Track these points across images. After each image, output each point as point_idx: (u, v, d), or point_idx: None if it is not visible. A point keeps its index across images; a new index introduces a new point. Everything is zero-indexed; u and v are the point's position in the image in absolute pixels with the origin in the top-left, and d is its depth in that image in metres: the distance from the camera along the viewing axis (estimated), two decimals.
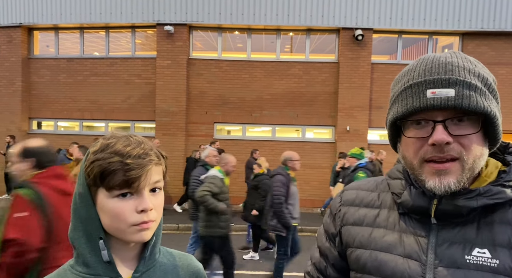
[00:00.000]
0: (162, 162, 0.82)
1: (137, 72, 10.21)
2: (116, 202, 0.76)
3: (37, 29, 10.65)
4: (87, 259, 0.78)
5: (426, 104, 0.73)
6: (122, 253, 0.82)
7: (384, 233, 0.84)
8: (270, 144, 9.93)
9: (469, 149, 0.73)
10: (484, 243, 0.73)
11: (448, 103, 0.71)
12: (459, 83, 0.72)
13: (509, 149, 0.83)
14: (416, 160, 0.77)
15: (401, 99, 0.78)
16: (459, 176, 0.74)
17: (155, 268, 0.86)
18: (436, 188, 0.74)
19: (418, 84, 0.75)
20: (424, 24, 9.57)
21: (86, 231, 0.78)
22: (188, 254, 0.98)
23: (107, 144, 0.78)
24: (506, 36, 9.57)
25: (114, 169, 0.74)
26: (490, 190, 0.75)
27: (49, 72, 10.47)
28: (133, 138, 0.80)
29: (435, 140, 0.72)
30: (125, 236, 0.78)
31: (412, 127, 0.77)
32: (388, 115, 0.84)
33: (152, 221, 0.79)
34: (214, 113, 10.05)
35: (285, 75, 9.97)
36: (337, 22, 9.65)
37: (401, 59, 10.10)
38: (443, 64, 0.75)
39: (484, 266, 0.71)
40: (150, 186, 0.78)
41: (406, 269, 0.77)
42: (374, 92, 9.79)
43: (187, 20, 9.78)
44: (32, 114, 10.59)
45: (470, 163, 0.74)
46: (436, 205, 0.77)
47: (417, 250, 0.78)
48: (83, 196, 0.78)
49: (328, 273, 0.94)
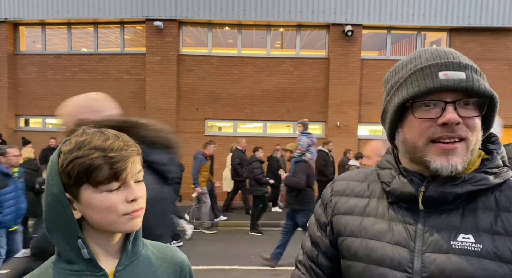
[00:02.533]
0: (140, 152, 0.83)
1: (126, 69, 10.10)
2: (105, 196, 0.76)
3: (23, 24, 10.44)
4: (69, 256, 0.79)
5: (440, 85, 0.75)
6: (105, 247, 0.82)
7: (374, 221, 0.87)
8: (262, 139, 9.95)
9: (474, 130, 0.77)
10: (468, 228, 0.76)
11: (461, 84, 0.74)
12: (468, 67, 0.76)
13: (491, 138, 0.87)
14: (422, 141, 0.79)
15: (410, 82, 0.80)
16: (464, 156, 0.77)
17: (138, 261, 0.86)
18: (443, 168, 0.76)
19: (429, 67, 0.78)
20: (412, 19, 9.67)
21: (64, 231, 0.78)
22: (172, 246, 0.98)
23: (81, 141, 0.77)
24: (492, 32, 9.74)
25: (98, 164, 0.74)
26: (474, 177, 0.78)
27: (36, 68, 10.29)
28: (108, 132, 0.80)
29: (447, 119, 0.74)
30: (117, 227, 0.79)
31: (420, 109, 0.79)
32: (390, 102, 0.84)
33: (142, 208, 0.81)
34: (205, 110, 10.02)
35: (276, 71, 9.98)
36: (327, 18, 9.69)
37: (390, 54, 10.20)
38: (448, 52, 0.79)
39: (469, 250, 0.74)
40: (135, 176, 0.80)
41: (395, 255, 0.80)
42: (364, 87, 9.88)
43: (177, 16, 9.70)
44: (19, 112, 10.41)
45: (473, 144, 0.77)
46: (423, 192, 0.80)
47: (406, 237, 0.81)
48: (57, 196, 0.76)
49: (319, 261, 0.96)
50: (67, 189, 0.77)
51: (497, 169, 0.80)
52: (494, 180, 0.79)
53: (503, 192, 0.79)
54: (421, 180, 0.81)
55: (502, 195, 0.79)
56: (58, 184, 0.77)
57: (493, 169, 0.80)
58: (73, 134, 0.80)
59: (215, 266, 5.27)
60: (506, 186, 0.80)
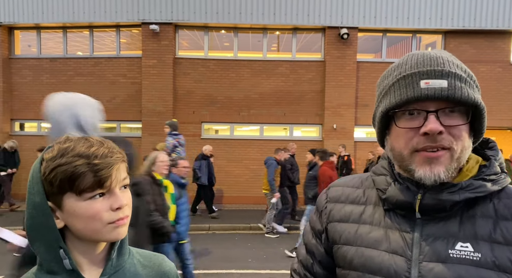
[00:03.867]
0: (126, 158, 0.81)
1: (122, 72, 10.07)
2: (89, 204, 0.74)
3: (18, 28, 10.40)
4: (50, 267, 0.76)
5: (420, 94, 0.74)
6: (89, 257, 0.80)
7: (370, 229, 0.85)
8: (258, 142, 9.94)
9: (459, 139, 0.75)
10: (466, 237, 0.75)
11: (442, 93, 0.73)
12: (451, 75, 0.74)
13: (489, 144, 0.85)
14: (407, 150, 0.78)
15: (393, 91, 0.79)
16: (448, 165, 0.75)
17: (123, 270, 0.84)
18: (426, 177, 0.75)
19: (411, 75, 0.77)
20: (407, 22, 9.72)
21: (45, 241, 0.75)
22: (160, 254, 0.96)
23: (65, 148, 0.74)
24: (486, 35, 9.80)
25: (82, 172, 0.72)
26: (471, 184, 0.77)
27: (32, 72, 10.24)
28: (92, 139, 0.78)
29: (429, 129, 0.73)
30: (102, 236, 0.77)
31: (404, 118, 0.78)
32: (378, 108, 0.85)
33: (128, 216, 0.79)
34: (201, 113, 10.00)
35: (272, 74, 9.99)
36: (323, 21, 9.72)
37: (386, 57, 10.24)
38: (434, 58, 0.77)
39: (467, 259, 0.73)
40: (120, 183, 0.78)
41: (392, 264, 0.78)
42: (360, 90, 9.90)
43: (173, 19, 9.69)
44: (14, 116, 10.34)
45: (458, 152, 0.75)
46: (420, 200, 0.79)
47: (403, 246, 0.79)
48: (39, 205, 0.74)
49: (314, 270, 0.94)
50: (49, 197, 0.75)
51: (495, 175, 0.79)
52: (492, 187, 0.77)
53: (501, 199, 0.78)
54: (418, 187, 0.80)
55: (501, 203, 0.77)
56: (40, 192, 0.74)
57: (491, 176, 0.79)
58: (56, 141, 0.78)
59: (212, 271, 5.24)
60: (504, 194, 0.79)
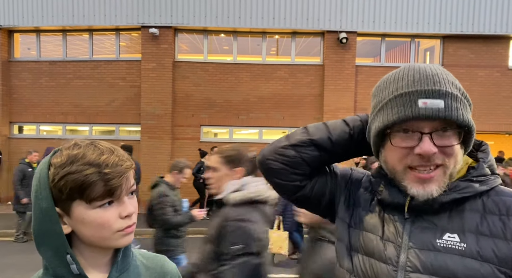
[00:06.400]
0: (134, 166, 0.81)
1: (121, 75, 10.08)
2: (99, 212, 0.74)
3: (17, 31, 10.41)
4: (57, 271, 0.76)
5: (418, 114, 0.76)
6: (95, 260, 0.81)
7: (371, 216, 0.92)
8: (257, 146, 9.92)
9: (451, 157, 0.79)
10: (454, 229, 0.79)
11: (439, 114, 0.76)
12: (448, 95, 0.77)
13: (482, 147, 0.88)
14: (401, 167, 0.82)
15: (390, 107, 0.81)
16: (441, 182, 0.80)
17: (128, 272, 0.85)
18: (419, 195, 0.80)
19: (410, 94, 0.78)
20: (406, 27, 9.77)
21: (52, 246, 0.75)
22: (162, 255, 0.97)
23: (74, 154, 0.73)
24: (484, 40, 9.85)
25: (93, 181, 0.71)
26: (458, 185, 0.81)
27: (31, 75, 10.24)
28: (102, 145, 0.77)
29: (423, 151, 0.77)
30: (109, 243, 0.77)
31: (398, 136, 0.81)
32: (373, 123, 0.87)
33: (135, 223, 0.80)
34: (200, 116, 10.00)
35: (271, 77, 10.02)
36: (322, 25, 9.76)
37: (385, 61, 10.27)
38: (431, 75, 0.79)
39: (453, 249, 0.77)
40: (128, 190, 0.78)
41: (384, 250, 0.85)
42: (358, 94, 9.93)
43: (172, 23, 9.72)
44: (13, 119, 10.32)
45: (451, 168, 0.80)
46: (409, 201, 0.83)
47: (394, 234, 0.85)
48: (46, 210, 0.73)
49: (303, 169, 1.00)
50: (57, 203, 0.74)
51: (483, 177, 0.82)
52: (480, 187, 0.81)
53: (490, 197, 0.82)
54: None
55: (489, 200, 0.81)
56: (47, 198, 0.74)
57: (479, 177, 0.82)
58: (63, 145, 0.77)
59: None
60: (494, 192, 0.82)
